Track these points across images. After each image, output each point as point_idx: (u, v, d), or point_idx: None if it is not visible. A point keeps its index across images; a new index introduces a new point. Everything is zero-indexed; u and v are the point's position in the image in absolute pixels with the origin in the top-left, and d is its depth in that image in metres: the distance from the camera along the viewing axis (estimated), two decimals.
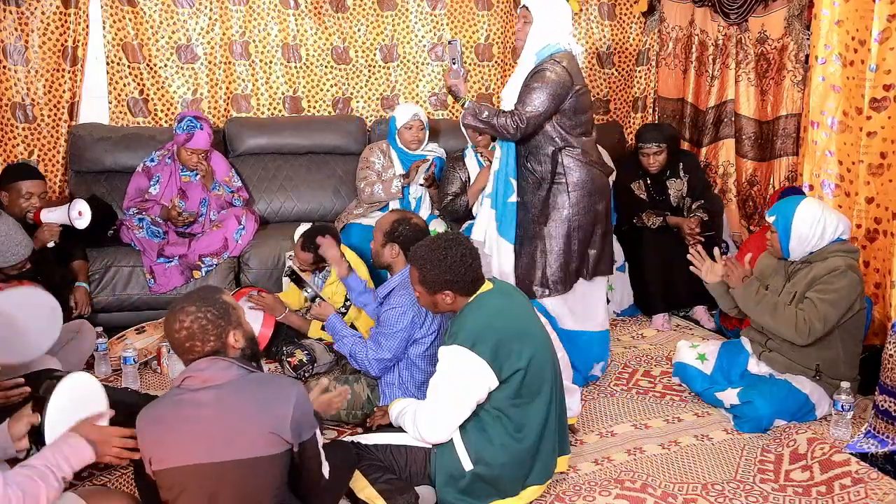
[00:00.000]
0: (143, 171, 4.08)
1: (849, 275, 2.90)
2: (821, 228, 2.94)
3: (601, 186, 3.23)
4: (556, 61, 3.07)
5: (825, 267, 2.93)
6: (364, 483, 2.36)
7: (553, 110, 3.08)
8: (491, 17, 4.88)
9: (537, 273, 3.22)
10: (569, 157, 3.15)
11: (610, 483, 2.62)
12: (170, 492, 1.92)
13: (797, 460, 2.77)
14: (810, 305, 2.90)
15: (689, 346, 3.35)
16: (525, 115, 3.05)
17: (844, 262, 2.92)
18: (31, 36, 4.26)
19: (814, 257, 3.00)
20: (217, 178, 4.13)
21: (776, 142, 4.45)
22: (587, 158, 3.17)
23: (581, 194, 3.15)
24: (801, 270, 3.03)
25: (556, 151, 3.15)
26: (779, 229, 3.00)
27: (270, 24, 4.63)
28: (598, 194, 3.21)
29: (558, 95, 3.05)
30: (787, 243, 3.00)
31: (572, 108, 3.11)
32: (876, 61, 3.30)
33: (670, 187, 4.19)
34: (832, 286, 2.89)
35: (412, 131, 4.15)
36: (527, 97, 3.06)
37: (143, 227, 3.93)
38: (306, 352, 3.34)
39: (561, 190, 3.16)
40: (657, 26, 5.12)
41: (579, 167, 3.15)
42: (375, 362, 2.86)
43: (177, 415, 1.92)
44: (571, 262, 3.20)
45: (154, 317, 3.79)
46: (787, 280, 3.08)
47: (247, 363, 2.01)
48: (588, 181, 3.16)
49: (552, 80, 3.04)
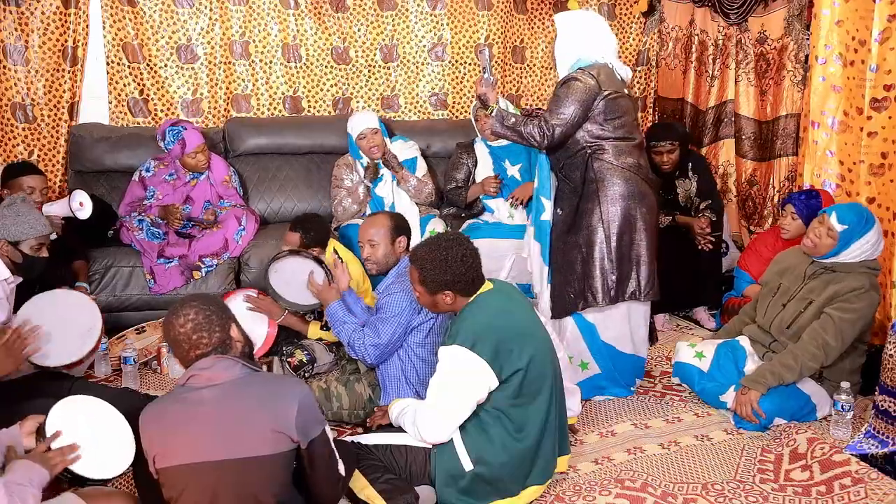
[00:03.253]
0: (139, 180, 4.07)
1: (871, 294, 2.91)
2: (873, 251, 2.95)
3: (638, 191, 3.09)
4: (584, 70, 3.04)
5: (848, 285, 2.92)
6: (364, 483, 2.36)
7: (582, 118, 3.03)
8: (491, 17, 4.88)
9: (578, 284, 3.13)
10: (599, 162, 3.07)
11: (610, 483, 2.62)
12: (172, 490, 1.93)
13: (797, 460, 2.77)
14: (828, 321, 2.90)
15: (688, 345, 3.36)
16: (552, 124, 3.01)
17: (868, 281, 2.92)
18: (31, 36, 4.26)
19: (839, 266, 2.98)
20: (216, 178, 4.13)
21: (776, 142, 4.45)
22: (621, 163, 3.07)
23: (613, 198, 3.05)
24: (822, 276, 3.02)
25: (586, 157, 3.08)
26: (842, 237, 2.93)
27: (270, 24, 4.63)
28: (635, 199, 3.08)
29: (585, 102, 3.00)
30: (838, 252, 2.96)
31: (602, 114, 3.04)
32: (876, 61, 3.30)
33: (679, 187, 4.18)
34: (853, 305, 2.89)
35: (366, 140, 4.09)
36: (553, 106, 3.04)
37: (143, 228, 3.93)
38: (306, 352, 3.34)
39: (591, 196, 3.08)
40: (657, 26, 5.12)
41: (611, 171, 3.06)
42: (372, 348, 2.84)
43: (181, 413, 1.93)
44: (610, 272, 3.09)
45: (154, 317, 3.79)
46: (805, 281, 3.07)
47: (251, 362, 2.03)
48: (620, 184, 3.06)
49: (578, 88, 3.00)
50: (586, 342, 3.22)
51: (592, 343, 3.22)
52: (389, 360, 2.91)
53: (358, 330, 2.90)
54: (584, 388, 3.14)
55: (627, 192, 3.07)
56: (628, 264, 3.12)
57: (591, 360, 3.23)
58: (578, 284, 3.13)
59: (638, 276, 3.13)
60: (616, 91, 3.07)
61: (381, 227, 3.00)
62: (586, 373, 3.23)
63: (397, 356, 2.89)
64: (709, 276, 4.14)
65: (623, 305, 3.18)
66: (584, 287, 3.12)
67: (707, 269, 4.13)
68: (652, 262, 3.16)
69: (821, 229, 3.00)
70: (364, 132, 4.09)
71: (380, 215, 3.10)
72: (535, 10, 5.00)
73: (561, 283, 3.18)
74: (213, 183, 4.14)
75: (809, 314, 3.00)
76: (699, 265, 4.06)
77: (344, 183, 4.19)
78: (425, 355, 2.87)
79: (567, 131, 3.04)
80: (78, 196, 3.49)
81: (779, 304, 3.13)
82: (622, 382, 3.28)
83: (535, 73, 5.10)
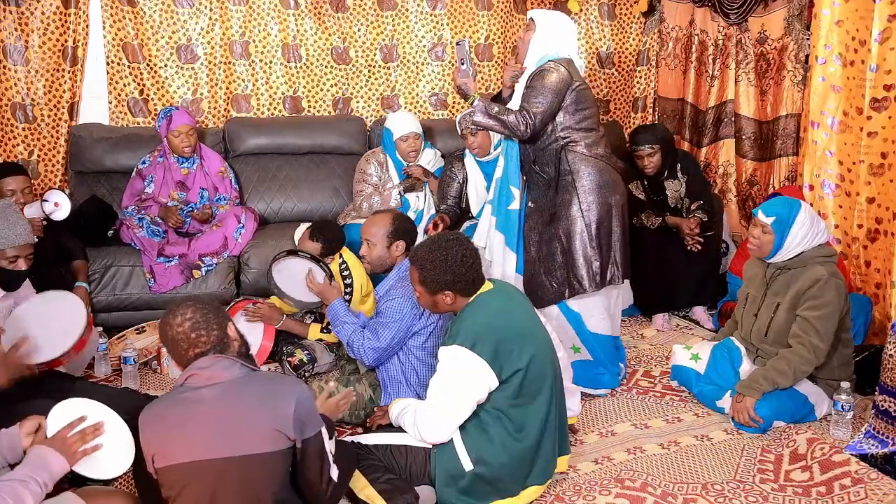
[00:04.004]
0: (137, 173, 4.10)
1: (833, 282, 2.91)
2: (813, 234, 2.97)
3: (611, 180, 3.24)
4: (555, 62, 3.17)
5: (808, 278, 2.93)
6: (364, 483, 2.36)
7: (557, 107, 3.15)
8: (491, 17, 4.88)
9: (560, 273, 3.25)
10: (573, 154, 3.19)
11: (610, 483, 2.62)
12: (171, 489, 1.93)
13: (797, 460, 2.77)
14: (805, 325, 2.91)
15: (683, 348, 3.36)
16: (533, 112, 3.10)
17: (826, 270, 2.93)
18: (31, 36, 4.26)
19: (792, 263, 3.00)
20: (210, 170, 4.15)
21: (776, 142, 4.45)
22: (592, 153, 3.21)
23: (589, 189, 3.18)
24: (780, 277, 3.04)
25: (559, 150, 3.20)
26: (776, 230, 2.98)
27: (270, 24, 4.63)
28: (609, 187, 3.22)
29: (560, 91, 3.13)
30: (779, 245, 2.99)
31: (573, 104, 3.17)
32: (876, 61, 3.30)
33: (667, 188, 4.18)
34: (822, 299, 2.90)
35: (408, 144, 4.09)
36: (531, 97, 3.13)
37: (143, 226, 3.93)
38: (306, 351, 3.34)
39: (569, 187, 3.20)
40: (657, 26, 5.12)
41: (585, 162, 3.19)
42: (371, 351, 2.85)
43: (180, 412, 1.93)
44: (594, 259, 3.21)
45: (154, 317, 3.79)
46: (767, 286, 3.09)
47: (249, 362, 2.03)
48: (594, 174, 3.19)
49: (553, 78, 3.12)
50: (575, 330, 3.34)
51: (580, 331, 3.34)
52: (390, 361, 2.92)
53: (358, 331, 2.90)
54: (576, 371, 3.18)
55: (602, 181, 3.20)
56: (608, 251, 3.24)
57: (581, 346, 3.35)
58: (561, 273, 3.25)
59: (615, 260, 3.26)
60: (582, 83, 3.22)
61: (381, 227, 2.98)
62: (578, 356, 3.33)
63: (397, 358, 2.90)
64: (708, 275, 4.15)
65: (603, 290, 3.30)
66: (567, 276, 3.24)
67: (706, 269, 4.14)
68: (625, 246, 3.30)
69: (755, 230, 3.05)
70: (408, 135, 4.08)
71: (383, 215, 3.07)
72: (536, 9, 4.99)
73: (541, 273, 3.28)
74: (207, 172, 4.15)
75: (781, 318, 3.00)
76: (698, 265, 4.07)
77: (371, 179, 4.15)
78: (426, 358, 2.87)
79: (546, 119, 3.15)
80: (53, 196, 3.40)
81: (751, 315, 3.15)
82: (610, 368, 3.36)
83: None
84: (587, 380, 3.29)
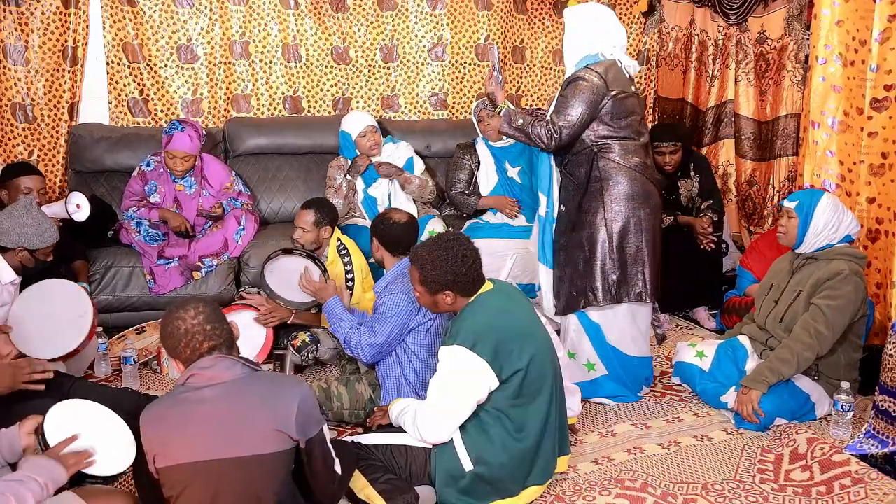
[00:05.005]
0: (139, 174, 4.04)
1: (853, 280, 2.92)
2: (838, 221, 3.01)
3: (644, 191, 3.08)
4: (591, 69, 3.02)
5: (830, 270, 2.95)
6: (364, 483, 2.36)
7: (589, 119, 3.01)
8: (491, 17, 4.88)
9: (579, 282, 3.13)
10: (605, 160, 3.05)
11: (610, 483, 2.61)
12: (173, 489, 1.93)
13: (797, 460, 2.76)
14: (816, 312, 2.92)
15: (688, 345, 3.37)
16: (559, 125, 3.00)
17: (849, 267, 2.94)
18: (31, 36, 4.26)
19: (821, 255, 3.03)
20: (214, 186, 4.08)
21: (776, 142, 4.45)
22: (627, 162, 3.05)
23: (617, 198, 3.04)
24: (806, 267, 3.06)
25: (592, 156, 3.06)
26: (799, 215, 3.03)
27: (270, 24, 4.63)
28: (640, 199, 3.06)
29: (593, 103, 2.99)
30: (804, 231, 3.03)
31: (609, 114, 3.02)
32: (876, 61, 3.30)
33: (681, 187, 4.19)
34: (837, 291, 2.91)
35: (366, 139, 4.12)
36: (561, 107, 3.03)
37: (141, 231, 3.92)
38: (309, 334, 3.35)
39: (597, 195, 3.06)
40: (657, 26, 5.12)
41: (617, 170, 3.05)
42: (368, 347, 2.85)
43: (181, 412, 1.94)
44: (611, 271, 3.08)
45: (154, 317, 3.79)
46: (792, 275, 3.10)
47: (251, 362, 2.03)
48: (626, 184, 3.04)
49: (585, 88, 2.98)
50: (592, 343, 3.21)
51: (599, 344, 3.21)
52: (389, 360, 2.92)
53: (355, 328, 2.92)
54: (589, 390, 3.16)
55: (632, 191, 3.06)
56: (633, 265, 3.10)
57: (597, 361, 3.22)
58: (581, 282, 3.13)
59: (644, 277, 3.12)
60: (623, 90, 3.04)
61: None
62: (593, 374, 3.22)
63: (396, 356, 2.90)
64: (709, 275, 4.15)
65: (625, 306, 3.17)
66: (585, 285, 3.12)
67: (707, 269, 4.14)
68: (655, 264, 3.15)
69: (782, 219, 3.12)
70: (365, 130, 4.12)
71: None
72: (535, 10, 5.00)
73: (563, 280, 3.19)
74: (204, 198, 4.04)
75: (800, 304, 3.02)
76: (699, 265, 4.07)
77: (336, 182, 4.19)
78: (425, 356, 2.87)
79: (574, 132, 3.03)
80: (75, 198, 3.48)
81: (771, 301, 3.17)
82: (630, 386, 3.25)
83: (535, 73, 5.10)
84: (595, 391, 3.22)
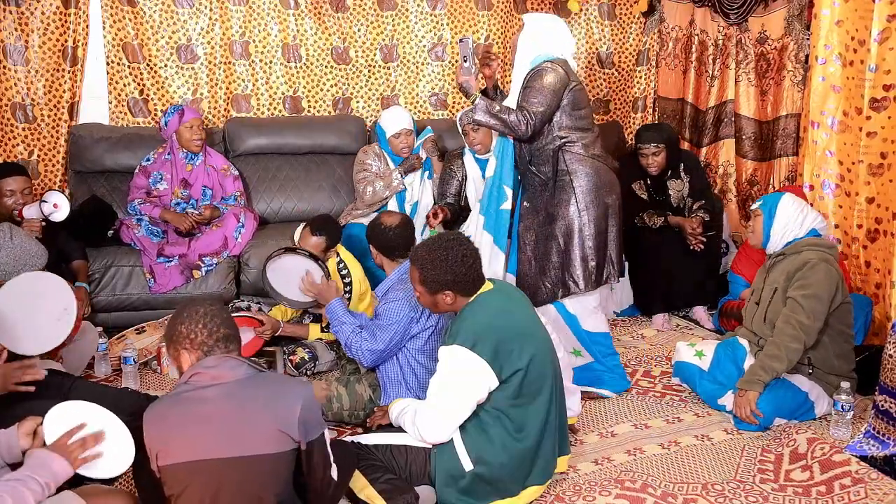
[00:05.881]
0: (141, 170, 4.11)
1: (822, 266, 2.96)
2: (802, 217, 3.10)
3: (608, 180, 3.26)
4: (552, 63, 3.17)
5: (798, 261, 3.01)
6: (364, 483, 2.36)
7: (556, 106, 3.15)
8: (491, 17, 4.88)
9: (556, 273, 3.25)
10: (570, 154, 3.20)
11: (610, 483, 2.62)
12: (174, 488, 1.93)
13: (797, 460, 2.77)
14: (793, 304, 2.96)
15: (688, 345, 3.38)
16: (532, 111, 3.10)
17: (817, 256, 2.99)
18: (31, 36, 4.26)
19: (789, 250, 3.10)
20: (216, 165, 4.18)
21: (776, 142, 4.45)
22: (589, 153, 3.22)
23: (586, 189, 3.19)
24: (778, 264, 3.12)
25: (556, 150, 3.20)
26: (763, 213, 3.15)
27: (270, 24, 4.63)
28: (606, 187, 3.23)
29: (558, 91, 3.14)
30: (769, 229, 3.14)
31: (570, 104, 3.18)
32: (876, 61, 3.30)
33: (671, 188, 4.19)
34: (808, 280, 2.96)
35: (400, 140, 4.16)
36: (530, 96, 3.13)
37: (142, 225, 3.93)
38: (308, 350, 3.35)
39: (565, 187, 3.20)
40: (657, 26, 5.12)
41: (581, 162, 3.20)
42: (368, 353, 2.86)
43: (184, 411, 1.94)
44: (591, 258, 3.22)
45: (154, 317, 3.79)
46: (767, 274, 3.15)
47: (255, 363, 2.04)
48: (592, 174, 3.20)
49: (551, 78, 3.12)
50: (573, 332, 3.34)
51: (577, 333, 3.34)
52: (389, 363, 2.92)
53: (356, 332, 2.91)
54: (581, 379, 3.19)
55: (599, 182, 3.22)
56: (604, 250, 3.26)
57: (582, 349, 3.34)
58: (556, 274, 3.26)
59: (611, 259, 3.28)
60: (578, 84, 3.22)
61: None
62: (581, 360, 3.33)
63: (397, 360, 2.91)
64: (708, 275, 4.15)
65: (597, 291, 3.32)
66: (563, 276, 3.25)
67: (706, 269, 4.14)
68: (619, 245, 3.32)
69: (751, 220, 3.26)
70: (400, 132, 4.16)
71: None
72: (535, 11, 4.99)
73: (535, 273, 3.29)
74: (209, 171, 4.15)
75: (778, 300, 3.05)
76: (698, 265, 4.07)
77: (372, 168, 4.20)
78: (425, 361, 2.88)
79: (545, 118, 3.16)
80: (52, 197, 3.39)
81: (754, 304, 3.21)
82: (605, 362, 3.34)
83: None
84: (591, 380, 3.28)
